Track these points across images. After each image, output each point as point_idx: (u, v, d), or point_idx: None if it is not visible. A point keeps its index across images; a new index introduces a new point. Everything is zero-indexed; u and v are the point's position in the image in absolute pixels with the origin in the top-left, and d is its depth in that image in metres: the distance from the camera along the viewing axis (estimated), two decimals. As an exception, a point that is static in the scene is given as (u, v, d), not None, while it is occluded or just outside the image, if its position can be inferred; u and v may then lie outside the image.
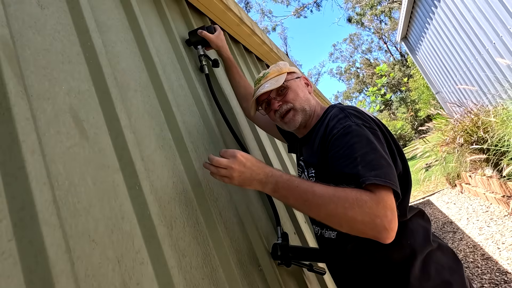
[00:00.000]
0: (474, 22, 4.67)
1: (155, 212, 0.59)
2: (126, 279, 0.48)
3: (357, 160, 0.64)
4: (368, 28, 28.53)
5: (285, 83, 0.93)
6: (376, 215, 0.58)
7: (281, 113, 0.92)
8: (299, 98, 0.92)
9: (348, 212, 0.59)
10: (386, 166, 0.64)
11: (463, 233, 3.19)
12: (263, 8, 28.70)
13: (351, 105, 0.83)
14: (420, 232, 0.76)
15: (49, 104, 0.51)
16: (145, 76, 0.83)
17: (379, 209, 0.58)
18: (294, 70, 0.99)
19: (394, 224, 0.58)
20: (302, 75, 1.01)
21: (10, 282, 0.34)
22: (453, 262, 0.76)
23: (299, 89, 0.94)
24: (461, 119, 3.86)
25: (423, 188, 5.95)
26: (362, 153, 0.65)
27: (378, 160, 0.64)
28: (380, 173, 0.62)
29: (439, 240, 0.80)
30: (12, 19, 0.51)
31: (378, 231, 0.58)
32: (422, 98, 12.66)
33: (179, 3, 1.32)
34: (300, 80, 0.98)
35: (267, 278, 0.89)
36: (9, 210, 0.38)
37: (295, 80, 0.96)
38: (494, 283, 2.21)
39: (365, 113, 0.79)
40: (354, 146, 0.67)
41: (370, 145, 0.67)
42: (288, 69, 0.97)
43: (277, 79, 0.93)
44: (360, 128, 0.70)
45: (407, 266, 0.71)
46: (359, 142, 0.67)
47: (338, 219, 0.61)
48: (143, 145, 0.69)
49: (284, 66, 0.98)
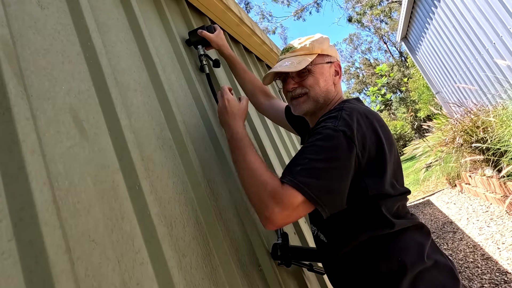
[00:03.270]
0: (474, 22, 4.67)
1: (155, 212, 0.59)
2: (126, 279, 0.48)
3: (304, 161, 0.67)
4: (368, 28, 28.54)
5: (310, 66, 0.85)
6: (266, 205, 0.64)
7: (293, 95, 0.88)
8: (317, 87, 0.85)
9: (251, 188, 0.69)
10: (320, 178, 0.64)
11: (463, 233, 3.19)
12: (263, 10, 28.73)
13: (359, 106, 0.77)
14: (414, 247, 0.72)
15: (49, 104, 0.51)
16: (145, 76, 0.83)
17: (272, 202, 0.64)
18: (328, 53, 0.89)
19: (278, 219, 0.63)
20: (336, 61, 0.91)
21: (10, 282, 0.34)
22: (449, 281, 0.72)
23: (322, 77, 0.86)
24: (461, 119, 3.86)
25: (423, 188, 5.95)
26: (313, 158, 0.66)
27: (318, 170, 0.65)
28: (307, 180, 0.63)
29: (438, 256, 0.74)
30: (12, 19, 0.51)
31: (262, 218, 0.66)
32: (422, 98, 12.66)
33: (179, 3, 1.32)
34: (330, 67, 0.88)
35: (267, 278, 0.89)
36: (9, 210, 0.38)
37: (323, 65, 0.87)
38: (494, 283, 2.21)
39: (365, 120, 0.72)
40: (313, 147, 0.68)
41: (324, 154, 0.66)
42: (321, 50, 0.87)
43: (300, 60, 0.85)
44: (334, 133, 0.67)
45: (395, 282, 0.68)
46: (321, 146, 0.67)
47: (244, 187, 0.73)
48: (143, 145, 0.69)
49: (318, 46, 0.87)
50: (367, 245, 0.72)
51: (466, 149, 3.65)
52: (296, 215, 0.65)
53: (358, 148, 0.68)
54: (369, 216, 0.72)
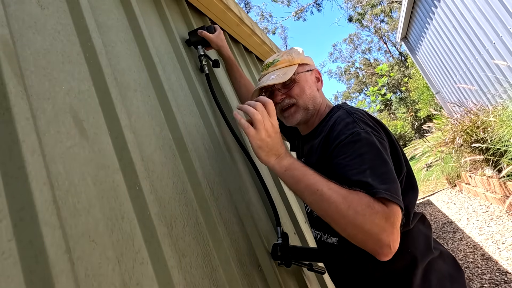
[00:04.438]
0: (474, 22, 4.67)
1: (155, 212, 0.59)
2: (126, 279, 0.48)
3: (366, 171, 0.60)
4: (368, 28, 28.54)
5: (294, 76, 0.86)
6: (384, 230, 0.54)
7: (282, 107, 0.87)
8: (304, 95, 0.86)
9: (357, 217, 0.55)
10: (394, 181, 0.60)
11: (463, 233, 3.19)
12: (263, 10, 28.76)
13: (357, 108, 0.78)
14: (422, 239, 0.74)
15: (49, 104, 0.51)
16: (145, 76, 0.83)
17: (388, 224, 0.55)
18: (307, 62, 0.91)
19: (396, 244, 0.55)
20: (315, 68, 0.93)
21: (10, 282, 0.34)
22: (454, 270, 0.74)
23: (307, 84, 0.88)
24: (461, 119, 3.86)
25: (423, 188, 5.95)
26: (372, 165, 0.61)
27: (387, 174, 0.61)
28: (391, 187, 0.58)
29: (441, 247, 0.78)
30: (12, 19, 0.51)
31: (380, 246, 0.55)
32: (422, 98, 12.67)
33: (179, 3, 1.32)
34: (311, 74, 0.90)
35: (267, 278, 0.89)
36: (9, 210, 0.38)
37: (305, 73, 0.89)
38: (494, 283, 2.21)
39: (372, 119, 0.74)
40: (364, 156, 0.62)
41: (381, 157, 0.62)
42: (301, 60, 0.89)
43: (285, 71, 0.86)
44: (369, 136, 0.65)
45: (408, 275, 0.69)
46: (369, 152, 0.63)
47: (345, 221, 0.57)
48: (143, 145, 0.69)
49: (296, 56, 0.89)
50: None
51: (466, 149, 3.66)
52: (399, 227, 0.57)
53: (387, 138, 0.71)
54: None
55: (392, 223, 0.55)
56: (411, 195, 0.76)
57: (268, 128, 0.69)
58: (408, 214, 0.73)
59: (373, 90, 17.64)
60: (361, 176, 0.59)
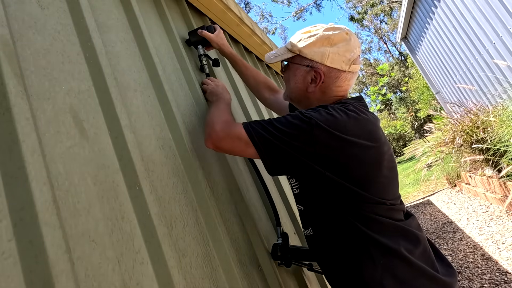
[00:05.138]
0: (474, 22, 4.67)
1: (155, 212, 0.59)
2: (126, 279, 0.48)
3: (267, 120, 0.76)
4: (368, 28, 28.54)
5: (289, 62, 0.86)
6: (213, 125, 0.80)
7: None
8: (288, 84, 0.89)
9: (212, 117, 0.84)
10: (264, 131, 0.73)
11: (463, 233, 3.19)
12: (263, 10, 28.78)
13: (347, 109, 0.75)
14: (388, 235, 0.71)
15: (49, 104, 0.51)
16: (145, 76, 0.83)
17: (220, 125, 0.78)
18: (311, 57, 0.81)
19: (217, 141, 0.77)
20: (319, 68, 0.81)
21: (10, 282, 0.34)
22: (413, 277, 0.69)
23: (294, 78, 0.86)
24: (461, 119, 3.86)
25: (423, 188, 5.95)
26: (274, 119, 0.75)
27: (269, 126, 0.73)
28: (255, 125, 0.75)
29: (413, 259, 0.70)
30: (12, 19, 0.51)
31: (205, 136, 0.81)
32: (422, 98, 12.67)
33: (179, 3, 1.32)
34: (307, 71, 0.83)
35: (267, 278, 0.89)
36: (9, 210, 0.38)
37: (299, 67, 0.84)
38: (494, 283, 2.21)
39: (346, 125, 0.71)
40: (282, 117, 0.75)
41: (282, 125, 0.72)
42: (300, 51, 0.83)
43: (282, 53, 0.87)
44: (301, 116, 0.72)
45: (363, 267, 0.70)
46: (284, 118, 0.74)
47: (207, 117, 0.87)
48: (143, 145, 0.69)
49: (300, 45, 0.83)
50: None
51: (466, 149, 3.66)
52: (231, 137, 0.76)
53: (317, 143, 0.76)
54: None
55: (222, 129, 0.77)
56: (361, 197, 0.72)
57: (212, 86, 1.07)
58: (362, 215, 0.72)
59: (374, 90, 17.63)
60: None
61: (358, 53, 0.83)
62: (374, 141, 0.75)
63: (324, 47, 0.80)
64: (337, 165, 0.72)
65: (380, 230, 0.72)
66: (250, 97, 1.74)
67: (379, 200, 0.73)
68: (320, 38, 0.81)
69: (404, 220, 0.77)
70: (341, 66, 0.81)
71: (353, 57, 0.82)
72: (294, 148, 0.71)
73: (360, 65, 0.86)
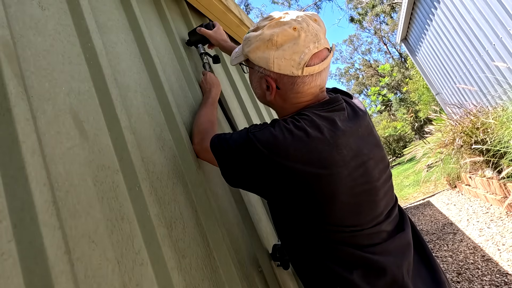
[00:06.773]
0: (474, 24, 4.67)
1: (155, 213, 0.59)
2: (126, 280, 0.48)
3: (228, 134, 0.75)
4: (368, 29, 28.60)
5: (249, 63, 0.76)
6: (194, 142, 0.85)
7: None
8: (252, 86, 0.80)
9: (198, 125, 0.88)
10: (220, 145, 0.73)
11: (463, 234, 3.19)
12: (263, 12, 28.76)
13: (297, 126, 0.65)
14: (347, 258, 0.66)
15: (49, 105, 0.51)
16: (145, 77, 0.83)
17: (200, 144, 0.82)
18: (257, 63, 0.71)
19: (197, 154, 0.83)
20: (271, 73, 0.70)
21: (10, 283, 0.34)
22: None
23: (252, 82, 0.79)
24: (461, 120, 3.86)
25: (423, 189, 5.95)
26: (234, 133, 0.74)
27: (225, 141, 0.73)
28: (217, 139, 0.75)
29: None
30: (12, 20, 0.51)
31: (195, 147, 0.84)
32: (422, 99, 12.68)
33: (179, 4, 1.33)
34: (260, 78, 0.74)
35: (267, 279, 0.89)
36: (9, 211, 0.38)
37: (254, 71, 0.75)
38: (495, 285, 2.21)
39: (287, 149, 0.62)
40: (237, 132, 0.74)
41: (232, 141, 0.71)
42: (249, 56, 0.73)
43: (236, 55, 0.82)
44: (245, 134, 0.69)
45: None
46: (239, 133, 0.73)
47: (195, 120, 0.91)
48: (143, 146, 0.69)
49: (247, 48, 0.72)
50: None
51: (466, 151, 3.65)
52: (205, 152, 0.79)
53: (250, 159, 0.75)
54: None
55: (202, 146, 0.81)
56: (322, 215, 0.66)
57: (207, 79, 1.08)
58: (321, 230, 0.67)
59: (374, 90, 17.64)
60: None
61: (314, 50, 0.66)
62: (326, 167, 0.62)
63: (268, 51, 0.68)
64: (281, 192, 0.65)
65: (334, 257, 0.66)
66: (250, 97, 1.74)
67: (336, 228, 0.65)
68: (263, 40, 0.69)
69: (377, 244, 0.67)
70: (292, 72, 0.67)
71: (305, 59, 0.66)
72: (239, 166, 0.69)
73: (323, 62, 0.68)
